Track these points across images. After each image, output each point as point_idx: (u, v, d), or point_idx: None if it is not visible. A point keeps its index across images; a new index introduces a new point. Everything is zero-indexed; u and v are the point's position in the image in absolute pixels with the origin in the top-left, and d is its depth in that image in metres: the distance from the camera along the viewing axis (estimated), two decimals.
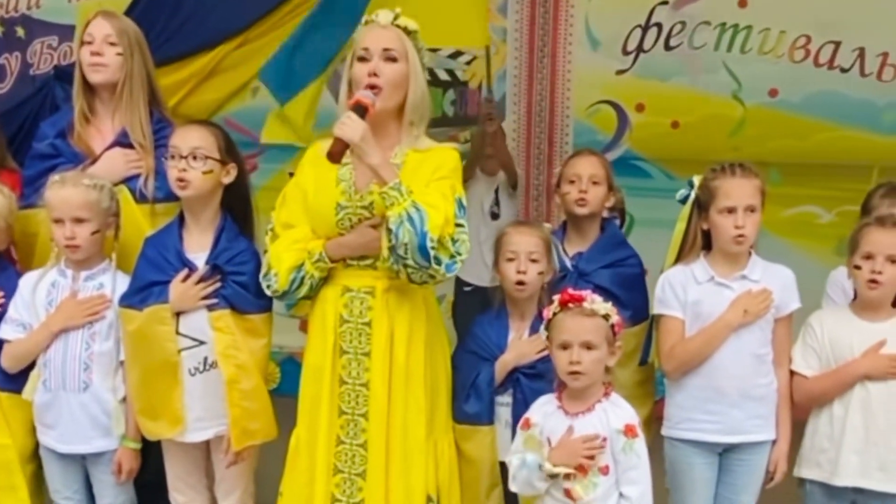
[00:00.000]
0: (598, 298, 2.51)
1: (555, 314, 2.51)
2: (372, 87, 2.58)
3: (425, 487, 2.65)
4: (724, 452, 2.83)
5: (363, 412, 2.63)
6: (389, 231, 2.50)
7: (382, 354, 2.62)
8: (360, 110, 2.54)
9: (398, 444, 2.62)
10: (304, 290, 2.67)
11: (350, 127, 2.50)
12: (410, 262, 2.51)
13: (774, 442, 2.84)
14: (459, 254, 2.56)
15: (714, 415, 2.78)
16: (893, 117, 4.79)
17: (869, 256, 2.74)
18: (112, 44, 3.07)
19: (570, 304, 2.49)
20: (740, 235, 2.74)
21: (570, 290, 2.52)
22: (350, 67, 2.66)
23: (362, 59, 2.62)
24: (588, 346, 2.47)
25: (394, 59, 2.61)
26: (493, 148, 4.45)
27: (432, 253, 2.49)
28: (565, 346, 2.48)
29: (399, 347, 2.63)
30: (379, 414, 2.61)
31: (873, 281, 2.72)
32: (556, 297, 2.53)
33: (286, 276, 2.64)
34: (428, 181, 2.58)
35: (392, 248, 2.51)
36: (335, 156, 2.52)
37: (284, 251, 2.66)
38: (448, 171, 2.64)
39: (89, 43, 3.08)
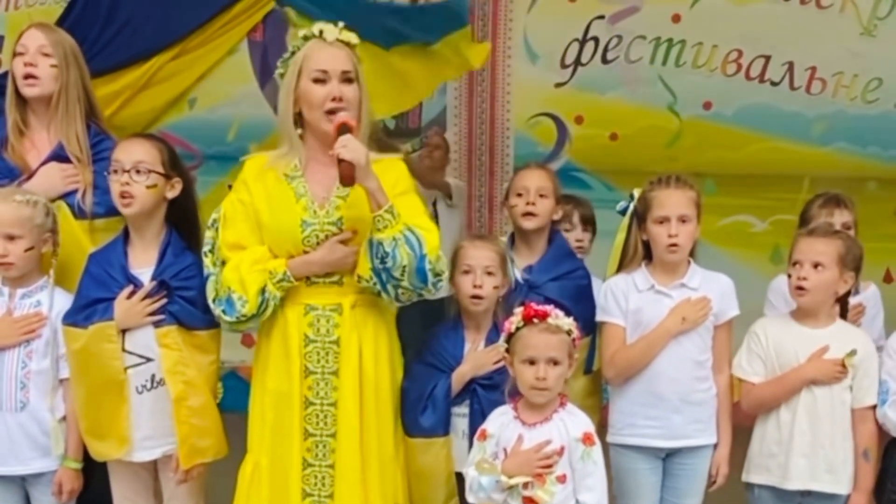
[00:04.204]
0: (560, 313, 2.53)
1: (518, 328, 2.52)
2: (337, 111, 2.54)
3: (394, 497, 2.66)
4: (668, 457, 2.88)
5: (332, 432, 2.59)
6: (385, 254, 2.48)
7: (352, 372, 2.58)
8: (348, 132, 2.50)
9: (374, 459, 2.60)
10: (268, 313, 2.60)
11: (354, 150, 2.45)
12: (406, 283, 2.52)
13: (716, 446, 2.89)
14: (443, 271, 2.61)
15: (655, 420, 2.83)
16: (822, 129, 4.96)
17: (796, 263, 2.83)
18: (46, 55, 3.01)
19: (535, 320, 2.50)
20: (673, 244, 2.80)
21: (534, 305, 2.53)
22: (296, 85, 2.59)
23: (319, 81, 2.56)
24: (554, 362, 2.49)
25: (350, 81, 2.58)
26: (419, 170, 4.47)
27: (430, 275, 2.52)
28: (532, 362, 2.50)
29: (368, 363, 2.61)
30: (349, 432, 2.57)
31: (799, 288, 2.80)
32: (518, 310, 2.54)
33: (255, 300, 2.57)
34: (390, 196, 2.55)
35: (383, 269, 2.50)
36: (348, 179, 2.47)
37: (247, 274, 2.57)
38: (407, 186, 2.65)
39: (22, 54, 3.01)
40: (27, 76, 3.00)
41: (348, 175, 2.47)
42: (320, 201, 2.60)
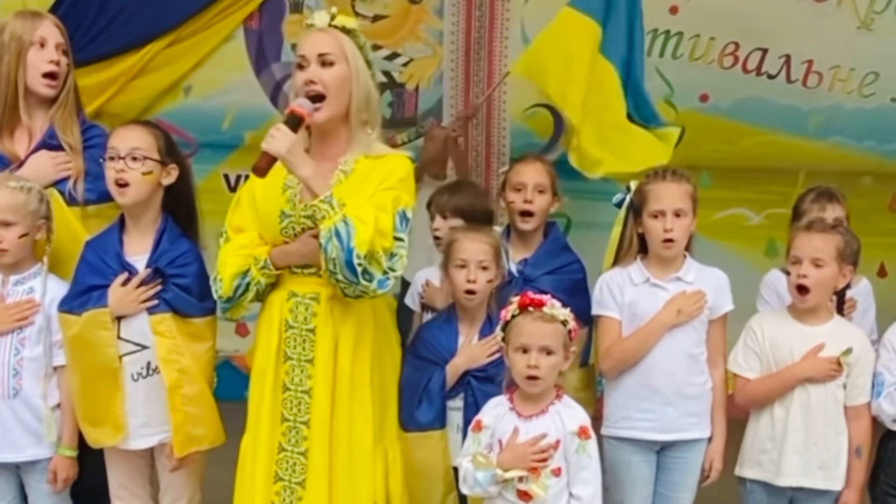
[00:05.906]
0: (557, 303, 2.52)
1: (513, 316, 2.52)
2: (316, 96, 2.54)
3: (372, 495, 2.62)
4: (661, 450, 2.89)
5: (305, 420, 2.59)
6: (321, 246, 2.46)
7: (326, 362, 2.58)
8: (295, 120, 2.49)
9: (343, 452, 2.58)
10: (250, 296, 2.62)
11: (277, 140, 2.44)
12: (340, 276, 2.47)
13: (710, 440, 2.90)
14: (394, 269, 2.52)
15: (649, 413, 2.83)
16: (818, 123, 4.96)
17: (796, 261, 2.82)
18: (65, 52, 3.00)
19: (530, 308, 2.50)
20: (668, 239, 2.80)
21: (531, 294, 2.53)
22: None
23: (300, 67, 2.58)
24: (547, 351, 2.49)
25: (331, 63, 2.56)
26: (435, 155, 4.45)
27: (359, 269, 2.44)
28: (524, 350, 2.49)
29: (343, 355, 2.59)
30: (321, 422, 2.57)
31: (800, 287, 2.79)
32: (515, 299, 2.54)
33: (230, 282, 2.60)
34: (375, 191, 2.54)
35: (326, 261, 2.47)
36: (260, 170, 2.47)
37: (230, 257, 2.62)
38: (395, 182, 2.58)
39: (42, 47, 2.96)
40: (51, 74, 2.95)
41: (261, 167, 2.46)
42: (304, 195, 2.58)
